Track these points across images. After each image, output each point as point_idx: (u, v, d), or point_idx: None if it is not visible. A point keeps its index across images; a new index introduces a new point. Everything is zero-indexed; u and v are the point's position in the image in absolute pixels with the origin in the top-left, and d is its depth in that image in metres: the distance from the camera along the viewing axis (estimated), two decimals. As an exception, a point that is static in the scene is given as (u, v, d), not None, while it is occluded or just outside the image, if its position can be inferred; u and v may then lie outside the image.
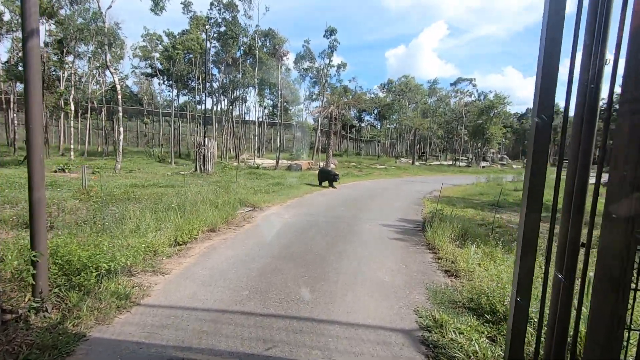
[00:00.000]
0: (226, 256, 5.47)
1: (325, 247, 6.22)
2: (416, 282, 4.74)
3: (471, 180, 24.55)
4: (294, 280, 4.58)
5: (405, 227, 8.31)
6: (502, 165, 51.69)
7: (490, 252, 5.81)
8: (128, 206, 7.41)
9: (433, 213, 8.98)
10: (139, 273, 4.58)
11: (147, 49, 34.50)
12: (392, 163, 40.77)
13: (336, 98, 36.05)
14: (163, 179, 16.07)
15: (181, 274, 4.67)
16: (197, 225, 6.49)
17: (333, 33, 30.26)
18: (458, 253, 5.82)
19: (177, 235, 5.90)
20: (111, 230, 5.92)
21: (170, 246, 5.72)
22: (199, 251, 5.69)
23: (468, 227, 7.29)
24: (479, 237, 6.78)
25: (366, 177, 24.83)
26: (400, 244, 6.70)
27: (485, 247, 6.10)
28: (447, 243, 6.36)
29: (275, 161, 28.04)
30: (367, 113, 58.93)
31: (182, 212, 7.31)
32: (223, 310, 3.66)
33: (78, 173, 17.05)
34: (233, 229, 7.26)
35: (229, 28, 31.96)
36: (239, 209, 8.95)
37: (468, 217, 9.92)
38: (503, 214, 11.05)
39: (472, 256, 5.33)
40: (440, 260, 5.69)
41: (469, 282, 4.61)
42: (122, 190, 10.87)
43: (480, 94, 54.14)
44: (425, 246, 6.64)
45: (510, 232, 7.89)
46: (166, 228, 6.02)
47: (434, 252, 6.20)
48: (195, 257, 5.37)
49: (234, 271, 4.82)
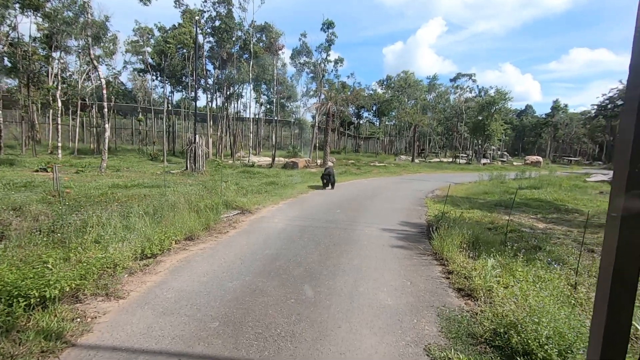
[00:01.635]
0: (200, 272, 4.65)
1: (317, 259, 5.41)
2: (425, 306, 3.94)
3: (473, 178, 23.75)
4: (276, 305, 3.77)
5: (407, 233, 7.50)
6: (503, 162, 50.90)
7: (508, 264, 5.02)
8: (97, 211, 6.60)
9: (438, 216, 8.19)
10: (88, 298, 3.76)
11: (139, 43, 33.49)
12: (391, 160, 39.94)
13: (334, 94, 35.16)
14: (150, 178, 15.23)
15: (140, 298, 3.86)
16: (171, 234, 5.67)
17: (330, 26, 29.30)
18: (471, 266, 5.03)
19: (145, 246, 5.08)
20: (70, 240, 5.12)
21: (136, 260, 4.90)
22: (170, 265, 4.87)
23: (479, 233, 6.48)
24: (492, 245, 5.99)
25: (365, 176, 24.01)
26: (403, 254, 5.89)
27: (501, 257, 5.31)
28: (457, 253, 5.57)
29: (271, 159, 27.18)
30: (365, 110, 58.01)
31: (159, 217, 6.50)
32: (180, 354, 2.85)
33: (61, 172, 16.18)
34: (215, 237, 6.44)
35: (224, 22, 30.98)
36: (224, 213, 8.13)
37: (475, 219, 9.13)
38: (512, 216, 10.26)
39: (489, 271, 4.52)
40: (450, 275, 4.89)
41: (489, 306, 3.81)
42: (101, 191, 10.04)
43: (480, 89, 53.23)
44: (432, 256, 5.84)
45: (526, 237, 7.10)
46: (134, 238, 5.20)
47: (443, 264, 5.40)
48: (163, 274, 4.55)
49: (206, 293, 4.00)
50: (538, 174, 26.38)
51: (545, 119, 73.91)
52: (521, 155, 70.37)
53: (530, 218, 10.11)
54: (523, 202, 13.02)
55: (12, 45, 26.45)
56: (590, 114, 73.67)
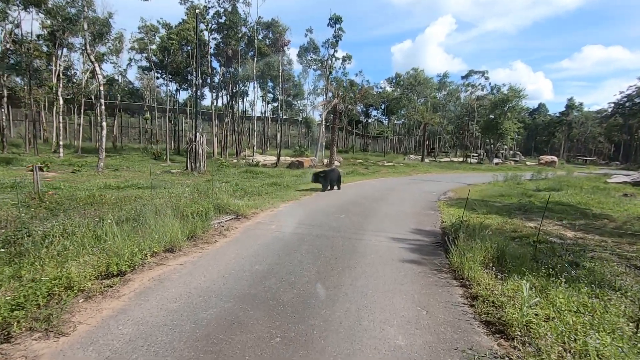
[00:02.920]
0: (171, 296, 3.87)
1: (314, 277, 4.59)
2: (446, 348, 3.08)
3: (486, 178, 22.65)
4: (257, 347, 2.96)
5: (420, 243, 6.62)
6: (515, 162, 49.36)
7: (545, 287, 4.14)
8: (76, 216, 5.89)
9: (455, 224, 7.29)
10: (21, 334, 3.00)
11: (144, 41, 33.05)
12: (400, 160, 38.89)
13: (341, 91, 34.26)
14: (147, 178, 14.59)
15: (87, 335, 3.08)
16: (146, 246, 4.90)
17: (338, 21, 28.37)
18: (499, 289, 4.16)
19: (111, 262, 4.32)
20: (29, 253, 4.40)
21: (100, 279, 4.14)
22: (138, 286, 4.10)
23: (504, 245, 5.57)
24: (522, 261, 5.10)
25: (373, 176, 23.09)
26: (416, 271, 5.03)
27: (534, 277, 4.42)
28: (481, 271, 4.69)
29: (276, 158, 26.43)
30: (374, 108, 56.92)
31: (140, 224, 5.75)
32: None
33: (58, 172, 15.67)
34: (200, 248, 5.66)
35: (228, 18, 30.34)
36: (216, 218, 7.36)
37: (495, 226, 8.21)
38: (533, 221, 9.30)
39: (525, 299, 3.63)
40: (475, 301, 4.02)
41: (529, 349, 2.95)
42: (89, 193, 9.37)
43: (493, 87, 51.71)
44: (450, 274, 4.97)
45: (557, 250, 6.17)
46: (98, 252, 4.45)
47: (464, 285, 4.53)
48: (126, 299, 3.78)
49: (171, 328, 3.21)
50: (555, 175, 25.18)
51: (559, 118, 71.78)
52: (534, 155, 68.54)
53: (556, 225, 9.13)
54: (544, 206, 12.00)
55: (16, 42, 26.20)
56: (606, 112, 71.37)
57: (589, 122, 70.52)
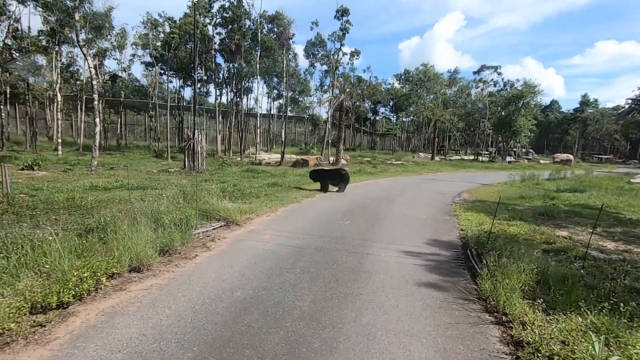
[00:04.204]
0: (116, 342, 2.93)
1: (309, 309, 3.62)
2: None
3: (501, 178, 21.44)
4: None
5: (438, 259, 5.60)
6: (529, 160, 47.71)
7: (610, 328, 3.11)
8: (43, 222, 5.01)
9: (480, 237, 6.26)
10: None
11: (147, 36, 32.36)
12: (409, 158, 37.66)
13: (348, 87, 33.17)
14: (142, 178, 13.77)
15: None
16: (102, 266, 3.98)
17: (345, 14, 27.23)
18: (550, 331, 3.14)
19: (49, 290, 3.40)
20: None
21: (32, 313, 3.23)
22: (79, 325, 3.17)
23: (545, 267, 4.53)
24: (570, 287, 4.06)
25: (381, 175, 22.03)
26: (437, 300, 4.02)
27: (590, 309, 3.40)
28: (522, 304, 3.67)
29: (280, 156, 25.51)
30: (382, 105, 55.60)
31: (105, 235, 4.85)
32: None
33: (50, 171, 14.96)
34: (174, 265, 4.72)
35: (233, 12, 29.44)
36: (201, 227, 6.43)
37: (523, 235, 7.14)
38: (563, 228, 8.20)
39: (597, 356, 2.62)
40: (521, 350, 3.01)
41: None
42: (68, 195, 8.54)
43: (506, 83, 49.99)
44: (480, 303, 3.95)
45: (606, 270, 5.09)
46: (33, 275, 3.54)
47: (501, 324, 3.51)
48: (57, 346, 2.85)
49: (98, 401, 2.28)
50: (573, 174, 23.86)
51: (573, 115, 69.48)
52: (546, 153, 66.57)
53: (590, 233, 8.01)
54: (571, 210, 10.87)
55: (16, 38, 25.73)
56: (623, 109, 68.89)
57: (605, 119, 68.10)
